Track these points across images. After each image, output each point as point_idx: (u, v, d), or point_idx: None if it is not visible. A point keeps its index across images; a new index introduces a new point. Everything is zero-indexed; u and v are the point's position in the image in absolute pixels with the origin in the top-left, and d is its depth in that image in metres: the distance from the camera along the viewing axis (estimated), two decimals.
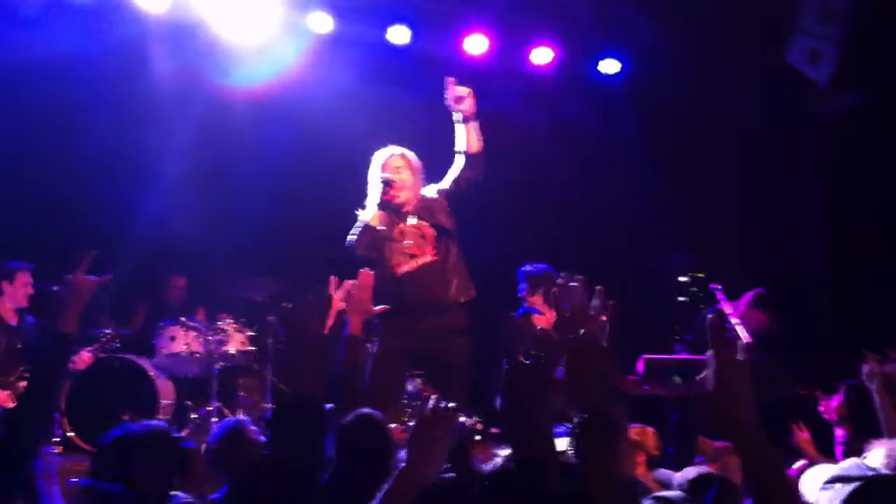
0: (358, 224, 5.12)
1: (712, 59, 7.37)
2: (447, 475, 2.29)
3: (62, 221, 7.03)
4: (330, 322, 3.60)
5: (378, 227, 5.03)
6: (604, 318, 1.93)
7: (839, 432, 4.79)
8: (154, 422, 4.06)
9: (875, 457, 2.89)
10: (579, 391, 1.77)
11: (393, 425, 3.15)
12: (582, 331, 1.81)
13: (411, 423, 4.11)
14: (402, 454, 2.15)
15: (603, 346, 1.80)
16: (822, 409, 4.85)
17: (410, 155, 5.29)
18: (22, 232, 6.77)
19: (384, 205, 5.06)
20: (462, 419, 4.18)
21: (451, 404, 2.15)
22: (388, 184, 5.05)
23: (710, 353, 1.85)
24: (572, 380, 1.79)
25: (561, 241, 7.51)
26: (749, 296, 5.98)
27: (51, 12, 6.79)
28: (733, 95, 7.26)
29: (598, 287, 1.88)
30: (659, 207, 7.45)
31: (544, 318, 6.14)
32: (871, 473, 2.04)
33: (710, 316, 1.84)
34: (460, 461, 2.52)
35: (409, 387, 4.49)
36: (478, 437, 4.35)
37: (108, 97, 6.93)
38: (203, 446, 5.61)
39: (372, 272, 3.59)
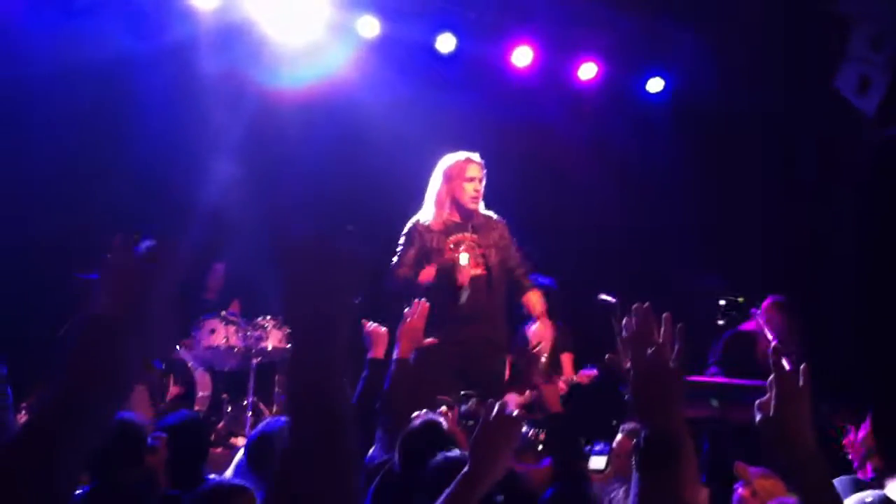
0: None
1: (758, 80, 7.33)
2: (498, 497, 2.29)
3: (110, 218, 7.07)
4: (381, 349, 3.77)
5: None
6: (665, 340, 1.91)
7: (868, 467, 4.64)
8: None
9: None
10: (645, 410, 1.77)
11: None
12: (649, 350, 1.81)
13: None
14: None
15: (672, 367, 1.80)
16: (847, 443, 4.60)
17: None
18: (70, 228, 6.81)
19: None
20: (524, 429, 4.19)
21: (515, 411, 2.16)
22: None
23: (771, 379, 1.86)
24: (639, 399, 1.79)
25: (598, 257, 7.50)
26: (766, 303, 5.89)
27: (102, 7, 6.85)
28: (778, 116, 7.21)
29: (664, 315, 1.87)
30: (700, 228, 7.41)
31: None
32: None
33: (773, 344, 1.85)
34: (509, 480, 2.52)
35: (463, 407, 4.49)
36: (540, 448, 4.33)
37: (156, 94, 6.96)
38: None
39: (427, 303, 3.68)
